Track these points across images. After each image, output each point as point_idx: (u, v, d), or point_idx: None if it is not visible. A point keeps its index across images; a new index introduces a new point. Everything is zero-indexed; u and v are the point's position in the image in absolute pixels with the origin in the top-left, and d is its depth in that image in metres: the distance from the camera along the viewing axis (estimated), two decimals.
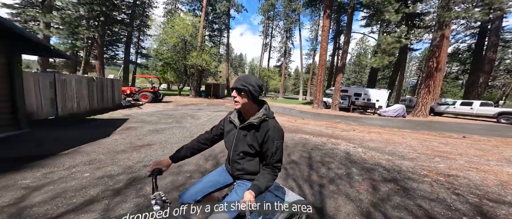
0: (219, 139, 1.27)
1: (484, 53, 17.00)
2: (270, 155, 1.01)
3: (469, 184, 2.86)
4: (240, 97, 1.02)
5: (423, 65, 43.11)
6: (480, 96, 16.20)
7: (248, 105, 1.05)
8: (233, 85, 1.02)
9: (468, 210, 2.18)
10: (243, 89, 1.00)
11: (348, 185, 2.66)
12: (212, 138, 1.26)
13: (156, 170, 1.06)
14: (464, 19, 13.05)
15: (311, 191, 2.46)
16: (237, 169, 1.15)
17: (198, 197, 1.13)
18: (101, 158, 3.18)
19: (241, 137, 1.09)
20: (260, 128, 1.04)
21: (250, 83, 1.01)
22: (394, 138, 6.04)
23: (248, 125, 1.06)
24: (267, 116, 1.06)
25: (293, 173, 2.98)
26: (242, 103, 1.03)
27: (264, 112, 1.06)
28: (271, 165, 1.01)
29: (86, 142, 3.92)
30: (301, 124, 8.23)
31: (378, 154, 4.22)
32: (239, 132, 1.10)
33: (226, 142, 1.19)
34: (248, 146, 1.06)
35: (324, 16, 16.15)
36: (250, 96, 1.03)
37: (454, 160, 3.99)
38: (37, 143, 3.81)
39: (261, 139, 1.03)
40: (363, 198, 2.33)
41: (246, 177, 1.13)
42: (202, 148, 1.25)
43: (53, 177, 2.47)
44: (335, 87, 16.39)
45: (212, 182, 1.21)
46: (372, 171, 3.22)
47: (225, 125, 1.22)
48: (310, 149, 4.33)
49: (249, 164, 1.11)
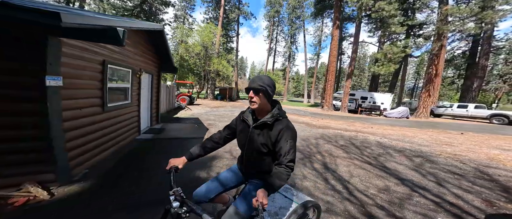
0: (232, 138, 1.27)
1: (478, 60, 18.76)
2: (283, 154, 1.01)
3: (469, 159, 4.27)
4: (257, 97, 1.02)
5: (421, 70, 44.98)
6: (474, 99, 17.85)
7: (264, 105, 1.06)
8: (250, 86, 1.03)
9: (470, 169, 3.58)
10: (261, 90, 1.01)
11: (391, 158, 4.03)
12: (225, 137, 1.26)
13: (173, 167, 1.06)
14: (459, 32, 14.73)
15: (368, 160, 3.82)
16: (249, 168, 1.17)
17: (211, 196, 1.15)
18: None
19: (255, 136, 1.08)
20: (273, 127, 1.04)
21: (266, 83, 1.03)
22: (407, 133, 7.45)
23: (261, 124, 1.06)
24: (281, 115, 1.07)
25: (349, 152, 4.34)
26: (259, 103, 1.03)
27: (277, 111, 1.07)
28: (284, 164, 0.99)
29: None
30: (324, 122, 9.61)
31: (401, 142, 5.61)
32: (253, 131, 1.10)
33: (239, 141, 1.19)
34: (261, 145, 1.06)
35: (334, 27, 17.79)
36: (267, 96, 1.05)
37: (456, 147, 5.41)
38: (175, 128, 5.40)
39: (274, 138, 1.03)
40: (407, 163, 3.72)
41: (259, 176, 1.13)
42: (215, 147, 1.26)
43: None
44: (344, 92, 17.90)
45: (224, 181, 1.21)
46: (402, 151, 4.61)
47: (238, 124, 1.22)
48: (348, 138, 5.71)
49: (262, 163, 1.11)
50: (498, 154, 4.71)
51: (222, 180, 1.22)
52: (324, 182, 2.84)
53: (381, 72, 15.49)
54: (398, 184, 2.86)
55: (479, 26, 13.19)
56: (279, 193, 1.35)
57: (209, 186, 1.18)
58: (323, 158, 3.92)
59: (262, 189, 0.88)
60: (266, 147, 1.06)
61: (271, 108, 1.09)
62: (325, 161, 3.73)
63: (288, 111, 15.22)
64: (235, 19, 31.62)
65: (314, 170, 3.26)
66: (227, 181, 1.23)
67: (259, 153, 1.08)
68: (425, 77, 15.74)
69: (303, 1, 34.34)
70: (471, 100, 17.69)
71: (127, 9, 18.72)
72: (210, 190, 1.16)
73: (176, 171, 1.06)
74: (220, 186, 1.19)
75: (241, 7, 30.56)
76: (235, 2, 29.79)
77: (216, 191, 1.16)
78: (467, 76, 19.28)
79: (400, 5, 15.17)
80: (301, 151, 4.25)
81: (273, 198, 1.29)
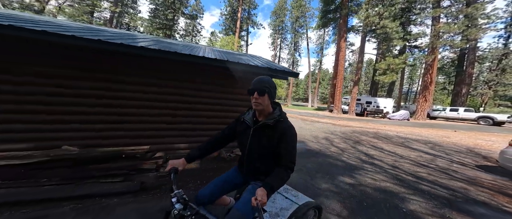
0: (232, 139, 1.26)
1: (465, 68, 21.45)
2: (284, 155, 1.02)
3: (463, 144, 6.32)
4: (262, 98, 1.02)
5: (414, 75, 47.97)
6: (463, 104, 20.39)
7: (267, 106, 1.06)
8: (254, 87, 1.03)
9: (464, 150, 5.62)
10: (266, 91, 1.02)
11: (412, 143, 6.00)
12: (224, 139, 1.25)
13: (173, 169, 1.05)
14: (450, 46, 17.29)
15: (398, 143, 5.76)
16: (250, 169, 1.17)
17: (213, 198, 1.15)
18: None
19: (256, 137, 1.09)
20: (274, 128, 1.05)
21: (270, 84, 1.05)
22: (414, 130, 9.51)
23: (262, 125, 1.07)
24: (282, 116, 1.08)
25: (382, 140, 6.27)
26: (263, 104, 1.04)
27: (278, 113, 1.09)
28: (284, 165, 1.01)
29: None
30: (344, 123, 11.60)
31: (413, 136, 7.63)
32: (254, 132, 1.10)
33: (240, 142, 1.18)
34: (262, 146, 1.07)
35: (341, 40, 20.22)
36: (271, 97, 1.07)
37: (453, 139, 7.48)
38: None
39: (276, 139, 1.04)
40: (423, 146, 5.68)
41: (260, 178, 1.12)
42: (215, 149, 1.25)
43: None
44: (351, 97, 20.14)
45: (225, 183, 1.22)
46: (418, 140, 6.60)
47: (238, 126, 1.21)
48: (374, 133, 7.67)
49: (263, 164, 1.11)
50: (481, 142, 6.79)
51: (223, 182, 1.22)
52: (381, 152, 4.75)
53: (385, 81, 17.78)
54: (424, 155, 4.82)
55: (464, 41, 15.74)
56: (280, 193, 1.37)
57: (212, 187, 1.17)
58: (368, 142, 5.85)
59: (261, 188, 0.89)
60: (267, 148, 1.06)
61: (273, 109, 1.11)
62: (370, 145, 5.65)
63: (302, 114, 17.24)
64: (245, 29, 33.99)
65: (371, 148, 5.17)
66: (228, 182, 1.23)
67: (260, 154, 1.09)
68: (421, 85, 18.16)
69: (306, 12, 36.87)
70: (461, 105, 20.21)
71: (161, 26, 20.83)
72: (213, 192, 1.16)
73: (176, 172, 1.05)
74: (222, 188, 1.20)
75: (252, 18, 33.02)
76: (245, 13, 32.14)
77: (217, 194, 1.17)
78: (456, 82, 21.90)
79: (400, 19, 17.72)
80: (348, 139, 6.16)
81: (274, 199, 1.30)
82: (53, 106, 2.56)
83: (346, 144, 5.67)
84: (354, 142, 5.89)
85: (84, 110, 2.70)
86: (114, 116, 2.88)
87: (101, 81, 2.74)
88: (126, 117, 2.95)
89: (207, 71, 3.37)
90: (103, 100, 2.78)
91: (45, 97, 2.51)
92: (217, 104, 3.58)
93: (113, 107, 2.86)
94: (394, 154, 4.71)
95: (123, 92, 2.88)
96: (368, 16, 16.60)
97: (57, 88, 2.55)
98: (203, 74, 3.37)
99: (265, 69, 3.35)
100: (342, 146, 5.38)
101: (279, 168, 1.02)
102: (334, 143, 5.72)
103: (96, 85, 2.72)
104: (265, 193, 0.87)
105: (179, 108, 3.29)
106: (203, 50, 3.99)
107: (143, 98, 3.01)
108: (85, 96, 2.69)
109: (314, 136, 6.56)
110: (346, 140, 6.25)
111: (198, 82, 3.36)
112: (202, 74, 3.37)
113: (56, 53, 2.51)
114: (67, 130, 2.65)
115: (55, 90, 2.54)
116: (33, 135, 2.49)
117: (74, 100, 2.64)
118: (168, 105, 3.20)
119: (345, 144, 5.66)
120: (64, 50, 2.52)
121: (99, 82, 2.73)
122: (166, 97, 3.16)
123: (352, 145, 5.56)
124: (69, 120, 2.65)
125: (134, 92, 2.94)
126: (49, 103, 2.54)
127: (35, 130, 2.50)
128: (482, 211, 2.27)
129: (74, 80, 2.61)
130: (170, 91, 3.17)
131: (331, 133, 7.34)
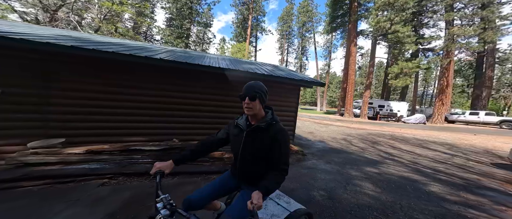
0: (225, 142, 1.26)
1: (484, 70, 20.79)
2: (278, 158, 1.04)
3: (481, 146, 6.54)
4: (253, 103, 1.04)
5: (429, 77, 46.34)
6: (485, 107, 19.67)
7: (258, 110, 1.08)
8: (245, 92, 1.04)
9: (482, 151, 5.89)
10: (256, 96, 1.04)
11: (429, 144, 6.34)
12: (217, 142, 1.25)
13: (159, 172, 1.00)
14: (466, 50, 17.09)
15: (416, 144, 6.13)
16: (243, 173, 1.17)
17: (204, 203, 1.14)
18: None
19: (249, 141, 1.10)
20: (267, 131, 1.07)
21: (261, 90, 1.06)
22: (431, 133, 9.66)
23: (255, 129, 1.08)
24: (274, 119, 1.10)
25: (400, 141, 6.66)
26: (254, 108, 1.05)
27: (271, 116, 1.11)
28: (279, 168, 1.03)
29: None
30: (358, 126, 11.92)
31: (430, 138, 7.88)
32: (247, 135, 1.11)
33: (233, 146, 1.18)
34: (256, 149, 1.08)
35: (351, 45, 20.58)
36: (262, 102, 1.08)
37: (471, 141, 7.64)
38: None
39: (268, 142, 1.05)
40: (440, 147, 6.02)
41: (252, 182, 1.11)
42: (207, 151, 1.25)
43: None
44: (363, 101, 20.22)
45: (217, 188, 1.21)
46: (435, 142, 6.89)
47: (231, 129, 1.21)
48: (390, 135, 8.02)
49: (256, 167, 1.12)
50: (500, 145, 6.95)
51: (214, 187, 1.21)
52: (399, 151, 5.21)
53: (398, 85, 17.80)
54: (442, 154, 5.21)
55: (481, 44, 15.53)
56: (273, 200, 1.38)
57: (202, 192, 1.16)
58: (385, 143, 6.29)
59: (257, 191, 0.89)
60: (261, 151, 1.07)
61: (265, 113, 1.12)
62: (388, 145, 6.09)
63: (312, 117, 17.62)
64: (254, 35, 35.38)
65: (389, 148, 5.63)
66: (220, 187, 1.22)
67: (254, 157, 1.10)
68: (438, 88, 17.94)
69: (313, 17, 37.50)
70: (481, 108, 19.52)
71: (179, 35, 22.75)
72: (203, 197, 1.14)
73: (163, 176, 1.00)
74: (213, 193, 1.18)
75: (261, 24, 34.37)
76: (253, 20, 33.46)
77: (209, 198, 1.16)
78: (475, 85, 21.23)
79: (411, 22, 17.84)
80: (365, 140, 6.63)
81: (266, 206, 1.31)
82: (164, 111, 3.67)
83: (364, 144, 6.15)
84: (372, 143, 6.35)
85: (181, 113, 3.81)
86: (200, 118, 3.99)
87: (185, 92, 3.80)
88: (206, 119, 4.05)
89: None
90: (189, 106, 3.86)
91: (161, 105, 3.63)
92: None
93: (195, 111, 3.94)
94: (412, 153, 5.15)
95: (199, 100, 3.94)
96: (379, 22, 16.94)
97: (163, 98, 3.64)
98: None
99: (291, 80, 4.13)
100: (361, 145, 5.88)
101: (273, 171, 1.03)
102: (353, 143, 6.22)
103: (183, 95, 3.78)
104: (260, 196, 0.87)
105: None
106: (249, 66, 4.94)
107: (212, 104, 4.07)
108: (177, 104, 3.75)
109: (332, 137, 7.08)
110: (363, 140, 6.71)
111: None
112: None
113: (151, 70, 3.46)
114: (174, 128, 3.77)
115: (162, 100, 3.64)
116: (160, 131, 3.65)
117: (170, 106, 3.70)
118: (232, 110, 4.19)
119: (364, 144, 6.14)
120: (149, 68, 3.44)
121: (185, 93, 3.79)
122: (231, 104, 4.16)
123: (371, 145, 6.03)
124: (173, 120, 3.75)
125: (207, 100, 4.01)
126: (161, 109, 3.64)
127: (160, 128, 3.66)
128: (491, 194, 2.75)
129: (169, 91, 3.66)
130: (232, 99, 4.14)
131: (348, 135, 7.81)
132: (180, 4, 24.47)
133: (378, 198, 2.44)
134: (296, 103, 5.04)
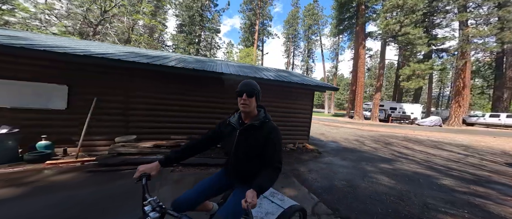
0: (216, 142, 1.26)
1: (505, 71, 19.84)
2: (271, 155, 1.05)
3: (498, 148, 6.51)
4: (250, 100, 1.06)
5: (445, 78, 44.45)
6: (507, 109, 18.69)
7: (253, 108, 1.11)
8: (242, 89, 1.06)
9: (499, 152, 5.91)
10: (253, 93, 1.07)
11: (444, 146, 6.43)
12: (208, 141, 1.24)
13: (144, 175, 0.97)
14: (482, 50, 16.58)
15: (430, 146, 6.25)
16: (237, 172, 1.17)
17: (196, 204, 1.13)
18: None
19: (242, 139, 1.11)
20: (261, 129, 1.09)
21: (257, 88, 1.10)
22: (446, 135, 9.56)
23: (249, 127, 1.09)
24: (267, 118, 1.12)
25: (414, 143, 6.79)
26: (250, 105, 1.07)
27: (264, 115, 1.13)
28: (272, 165, 1.03)
29: None
30: (370, 128, 11.96)
31: (445, 140, 7.88)
32: (240, 133, 1.11)
33: (226, 144, 1.19)
34: (249, 147, 1.09)
35: (360, 47, 20.63)
36: (257, 100, 1.12)
37: (488, 143, 7.56)
38: None
39: (262, 140, 1.07)
40: (456, 148, 6.11)
41: (246, 181, 1.11)
42: (197, 151, 1.22)
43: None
44: (374, 103, 20.03)
45: (209, 188, 1.19)
46: (451, 144, 6.94)
47: (223, 128, 1.21)
48: (403, 137, 8.11)
49: (250, 166, 1.12)
50: None
51: (206, 187, 1.18)
52: (412, 151, 5.41)
53: (410, 87, 17.53)
54: (456, 154, 5.35)
55: (499, 44, 15.02)
56: (267, 198, 1.40)
57: (193, 193, 1.13)
58: (398, 144, 6.47)
59: (251, 189, 0.88)
60: (254, 149, 1.08)
61: (258, 112, 1.15)
62: (401, 146, 6.27)
63: (321, 120, 17.70)
64: (260, 39, 36.26)
65: (402, 148, 5.83)
66: (212, 187, 1.20)
67: (247, 155, 1.10)
68: (454, 90, 17.43)
69: (319, 19, 37.68)
70: (503, 110, 18.56)
71: (190, 41, 24.04)
72: (193, 198, 1.11)
73: (148, 178, 0.96)
74: (204, 193, 1.16)
75: (267, 29, 35.26)
76: (260, 25, 34.38)
77: (201, 198, 1.14)
78: (496, 87, 20.27)
79: (422, 23, 17.62)
80: (378, 141, 6.83)
81: (260, 204, 1.32)
82: (184, 112, 4.20)
83: (377, 144, 6.37)
84: (384, 143, 6.56)
85: (216, 116, 4.40)
86: (209, 119, 4.48)
87: (219, 97, 4.39)
88: (213, 120, 4.54)
89: (269, 89, 4.74)
90: (224, 110, 4.45)
91: (184, 107, 4.20)
92: (275, 111, 4.87)
93: (204, 113, 4.46)
94: (425, 153, 5.33)
95: (207, 103, 4.45)
96: (388, 24, 16.95)
97: (201, 103, 4.28)
98: (268, 90, 4.73)
99: (306, 86, 4.57)
100: (374, 145, 6.12)
101: (267, 169, 1.03)
102: (366, 143, 6.47)
103: (197, 99, 4.32)
104: (255, 194, 0.87)
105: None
106: (264, 73, 5.41)
107: (218, 107, 4.56)
108: (190, 106, 4.28)
109: (344, 138, 7.35)
110: (376, 141, 6.92)
111: (270, 96, 4.79)
112: (267, 90, 4.72)
113: (195, 80, 4.08)
114: (191, 128, 4.27)
115: (201, 104, 4.27)
116: (198, 131, 4.30)
117: (182, 109, 4.23)
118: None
119: (376, 144, 6.37)
120: (195, 78, 4.06)
121: (199, 97, 4.32)
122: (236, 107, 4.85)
123: (383, 145, 6.25)
124: (209, 122, 4.35)
125: (214, 103, 4.49)
126: (182, 111, 4.18)
127: (199, 128, 4.32)
128: (500, 187, 2.98)
129: (189, 96, 4.21)
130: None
131: (360, 136, 8.02)
132: (192, 12, 25.89)
133: (393, 187, 2.79)
134: (310, 107, 5.47)
